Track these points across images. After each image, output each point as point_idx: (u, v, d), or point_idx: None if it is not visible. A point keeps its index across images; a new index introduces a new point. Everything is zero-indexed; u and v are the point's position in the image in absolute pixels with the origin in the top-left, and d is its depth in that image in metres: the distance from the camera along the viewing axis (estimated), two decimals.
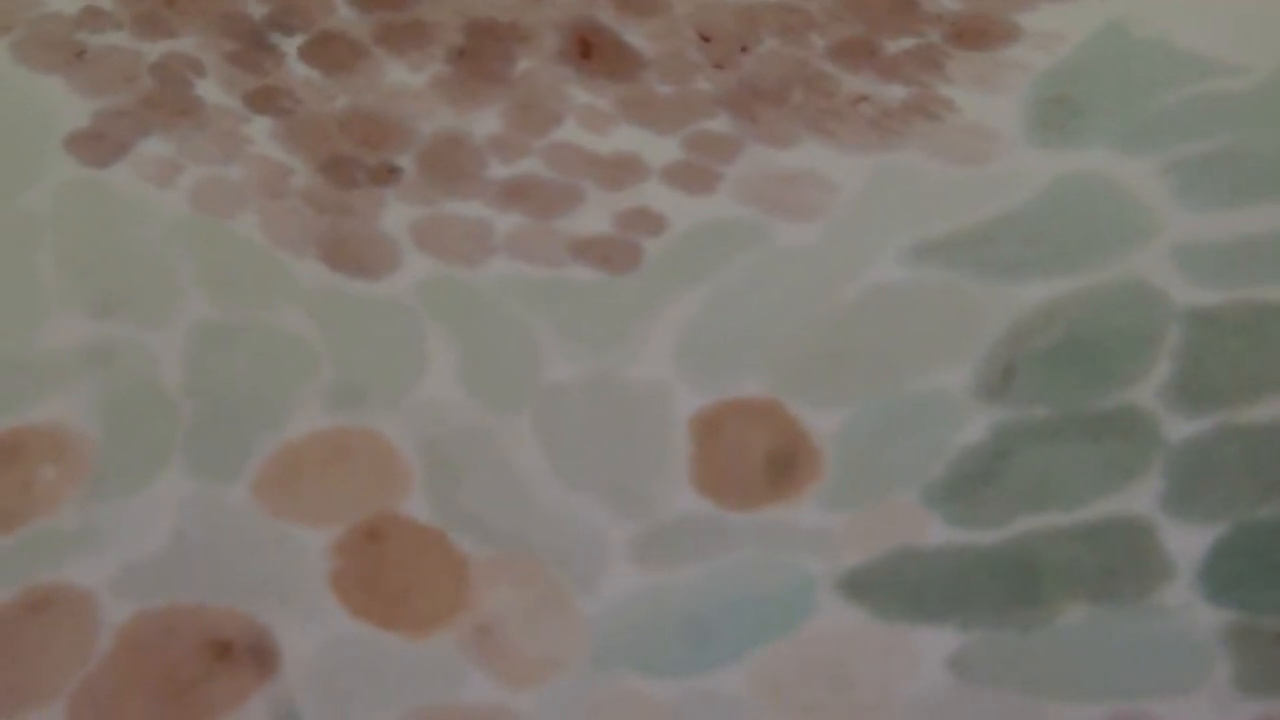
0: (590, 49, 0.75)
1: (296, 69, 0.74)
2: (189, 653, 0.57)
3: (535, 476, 0.63)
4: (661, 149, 0.72)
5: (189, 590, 0.59)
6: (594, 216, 0.70)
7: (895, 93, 0.74)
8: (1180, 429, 0.64)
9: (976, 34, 0.76)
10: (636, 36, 0.75)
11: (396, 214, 0.69)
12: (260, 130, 0.72)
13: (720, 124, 0.73)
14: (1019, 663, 0.59)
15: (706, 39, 0.75)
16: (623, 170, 0.72)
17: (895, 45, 0.76)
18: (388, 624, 0.58)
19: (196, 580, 0.59)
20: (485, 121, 0.72)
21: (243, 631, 0.57)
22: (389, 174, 0.71)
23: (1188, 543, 0.61)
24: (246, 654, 0.57)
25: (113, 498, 0.61)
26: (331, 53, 0.74)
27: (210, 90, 0.73)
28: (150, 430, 0.63)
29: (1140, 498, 0.63)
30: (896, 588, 0.60)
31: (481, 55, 0.74)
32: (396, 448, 0.63)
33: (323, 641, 0.58)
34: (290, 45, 0.74)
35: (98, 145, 0.71)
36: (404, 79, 0.73)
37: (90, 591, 0.58)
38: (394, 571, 0.59)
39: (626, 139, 0.72)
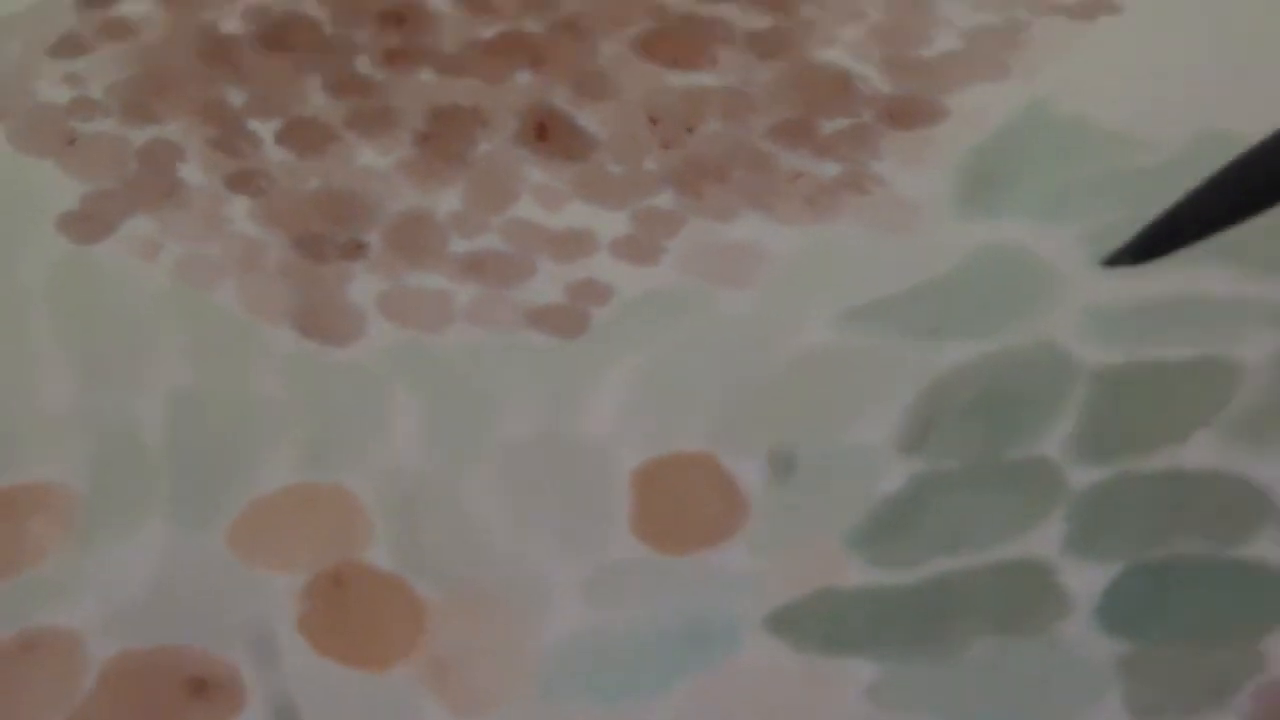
0: (546, 131, 0.81)
1: (273, 152, 0.80)
2: (168, 689, 0.63)
3: (489, 526, 0.69)
4: (610, 224, 0.78)
5: (168, 632, 0.64)
6: (546, 287, 0.76)
7: (829, 170, 0.80)
8: (1081, 478, 0.70)
9: (907, 114, 0.82)
10: (590, 120, 0.81)
11: (364, 285, 0.75)
12: (239, 209, 0.78)
13: (666, 200, 0.80)
14: (930, 692, 0.65)
15: (655, 121, 0.81)
16: (574, 244, 0.78)
17: (831, 125, 0.82)
18: (351, 661, 0.64)
19: (175, 623, 0.65)
20: (447, 200, 0.79)
21: (217, 669, 0.63)
22: (357, 249, 0.77)
23: (1086, 581, 0.66)
24: (219, 691, 0.62)
25: (99, 547, 0.67)
26: (305, 136, 0.81)
27: (192, 173, 0.79)
28: (133, 486, 0.69)
29: (1044, 541, 0.69)
30: (817, 625, 0.66)
31: (445, 138, 0.81)
32: (360, 501, 0.69)
33: (291, 678, 0.63)
34: (267, 130, 0.80)
35: (87, 225, 0.77)
36: (372, 161, 0.80)
37: (77, 633, 0.64)
38: (357, 614, 0.65)
39: (578, 215, 0.78)
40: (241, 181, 0.79)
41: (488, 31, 0.85)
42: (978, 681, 0.65)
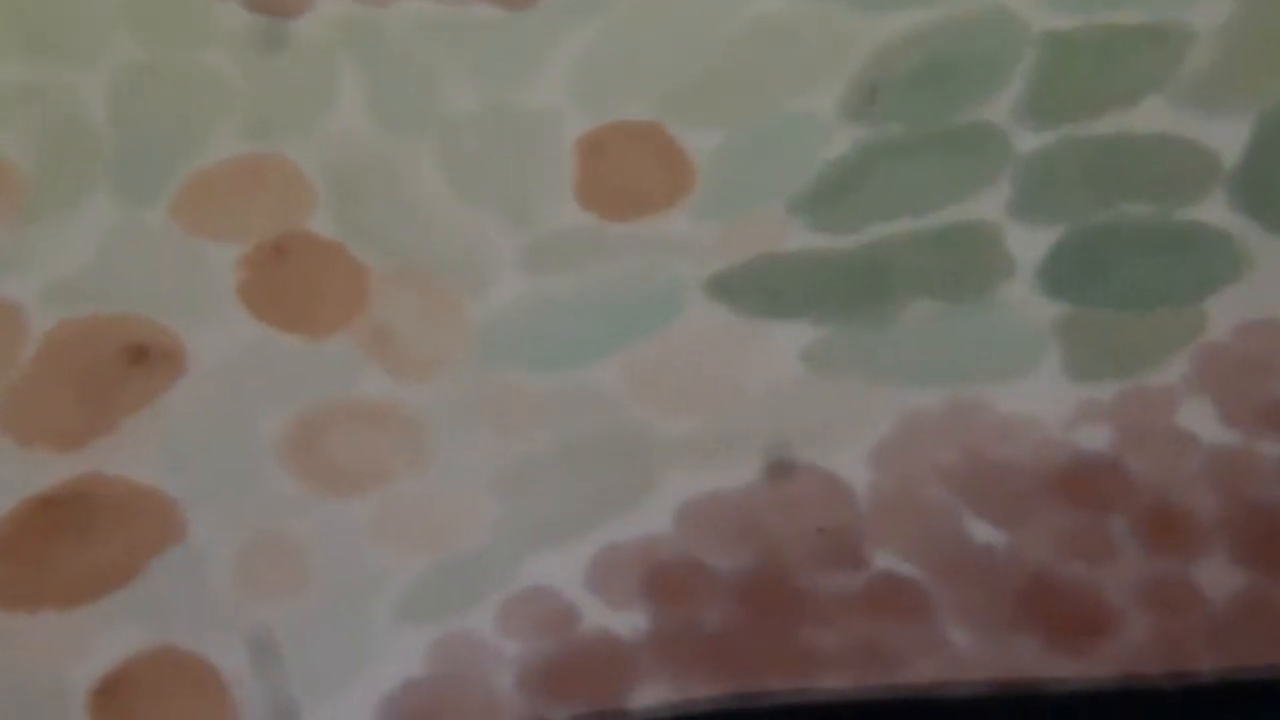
0: None
1: None
2: (108, 356, 0.63)
3: (432, 195, 0.69)
4: None
5: (109, 302, 0.65)
6: None
7: None
8: (1028, 142, 0.69)
9: None
10: None
11: None
12: None
13: None
14: (867, 354, 0.65)
15: None
16: None
17: None
18: (290, 328, 0.65)
19: (117, 293, 0.65)
20: None
21: (157, 337, 0.64)
22: None
23: (1029, 244, 0.66)
24: (160, 357, 0.63)
25: (42, 221, 0.67)
26: None
27: None
28: (77, 160, 0.69)
29: (988, 204, 0.68)
30: (758, 288, 0.66)
31: None
32: (304, 171, 0.69)
33: (229, 345, 0.64)
34: None
35: None
36: None
37: (19, 304, 0.65)
38: (298, 282, 0.66)
39: None
40: None
41: None
42: (914, 344, 0.65)
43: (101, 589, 0.58)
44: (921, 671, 0.56)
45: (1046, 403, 0.62)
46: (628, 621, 0.56)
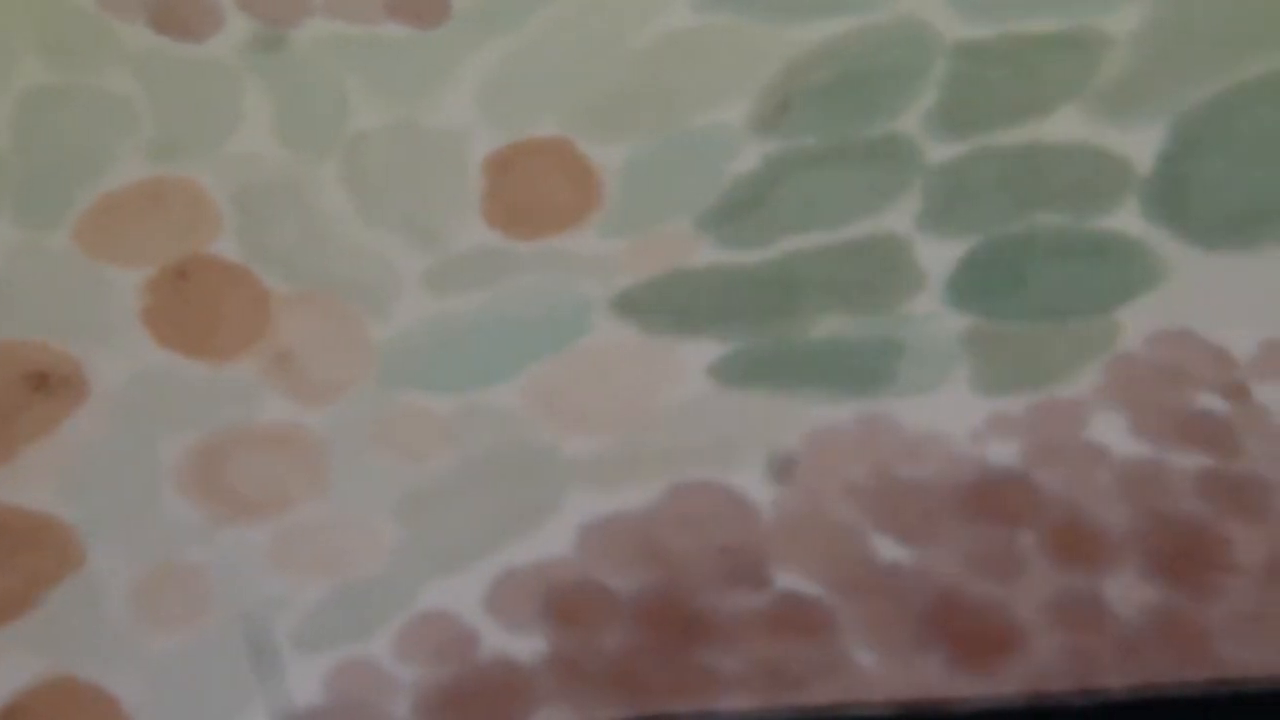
0: None
1: None
2: (8, 383, 0.62)
3: (338, 217, 0.68)
4: None
5: (11, 328, 0.64)
6: None
7: None
8: (939, 153, 0.68)
9: None
10: None
11: None
12: None
13: None
14: (774, 368, 0.64)
15: None
16: None
17: None
18: (193, 353, 0.64)
19: (18, 319, 0.64)
20: None
21: (58, 364, 0.63)
22: None
23: (938, 257, 0.65)
24: (60, 384, 0.62)
25: None
26: None
27: None
28: None
29: (898, 217, 0.67)
30: (665, 305, 0.65)
31: None
32: (209, 194, 0.68)
33: (131, 371, 0.63)
34: None
35: None
36: None
37: None
38: (201, 306, 0.65)
39: None
40: None
41: None
42: (821, 358, 0.64)
43: None
44: (825, 692, 0.55)
45: (955, 417, 0.60)
46: (527, 645, 0.55)
